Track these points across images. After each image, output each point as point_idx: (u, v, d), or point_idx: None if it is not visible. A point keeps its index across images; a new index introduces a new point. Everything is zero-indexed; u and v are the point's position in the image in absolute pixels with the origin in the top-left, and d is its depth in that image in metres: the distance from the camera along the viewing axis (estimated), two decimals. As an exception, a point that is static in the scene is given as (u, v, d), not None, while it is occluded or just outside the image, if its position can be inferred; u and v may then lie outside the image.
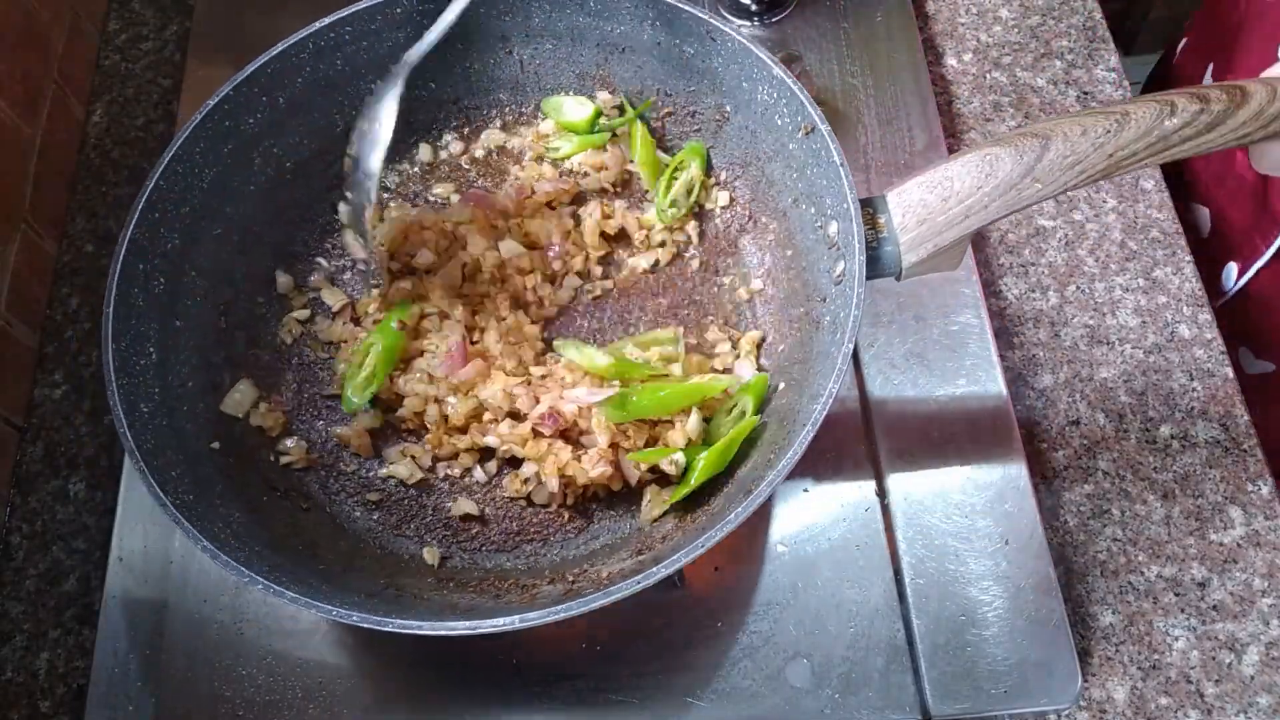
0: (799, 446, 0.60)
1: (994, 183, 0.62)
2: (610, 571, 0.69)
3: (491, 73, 0.85)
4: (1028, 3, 1.03)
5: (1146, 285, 0.88)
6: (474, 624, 0.57)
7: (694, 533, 0.66)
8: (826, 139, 0.70)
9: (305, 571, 0.66)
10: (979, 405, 0.80)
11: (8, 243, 0.86)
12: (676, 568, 0.58)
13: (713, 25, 0.75)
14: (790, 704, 0.71)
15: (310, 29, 0.76)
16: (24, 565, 0.80)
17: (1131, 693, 0.74)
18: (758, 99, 0.77)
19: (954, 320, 0.84)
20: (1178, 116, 0.58)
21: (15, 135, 0.88)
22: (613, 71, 0.84)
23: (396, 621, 0.57)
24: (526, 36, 0.83)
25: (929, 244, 0.64)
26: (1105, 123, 0.60)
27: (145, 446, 0.63)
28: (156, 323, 0.70)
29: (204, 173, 0.74)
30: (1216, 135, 0.59)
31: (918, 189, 0.64)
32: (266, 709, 0.72)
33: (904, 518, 0.77)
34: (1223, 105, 0.58)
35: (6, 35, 0.88)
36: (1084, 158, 0.60)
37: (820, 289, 0.73)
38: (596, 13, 0.80)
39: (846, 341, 0.63)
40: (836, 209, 0.69)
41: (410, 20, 0.79)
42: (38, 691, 0.76)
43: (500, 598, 0.69)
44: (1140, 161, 0.60)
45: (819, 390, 0.63)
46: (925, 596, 0.74)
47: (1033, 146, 0.61)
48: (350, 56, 0.79)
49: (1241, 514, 0.79)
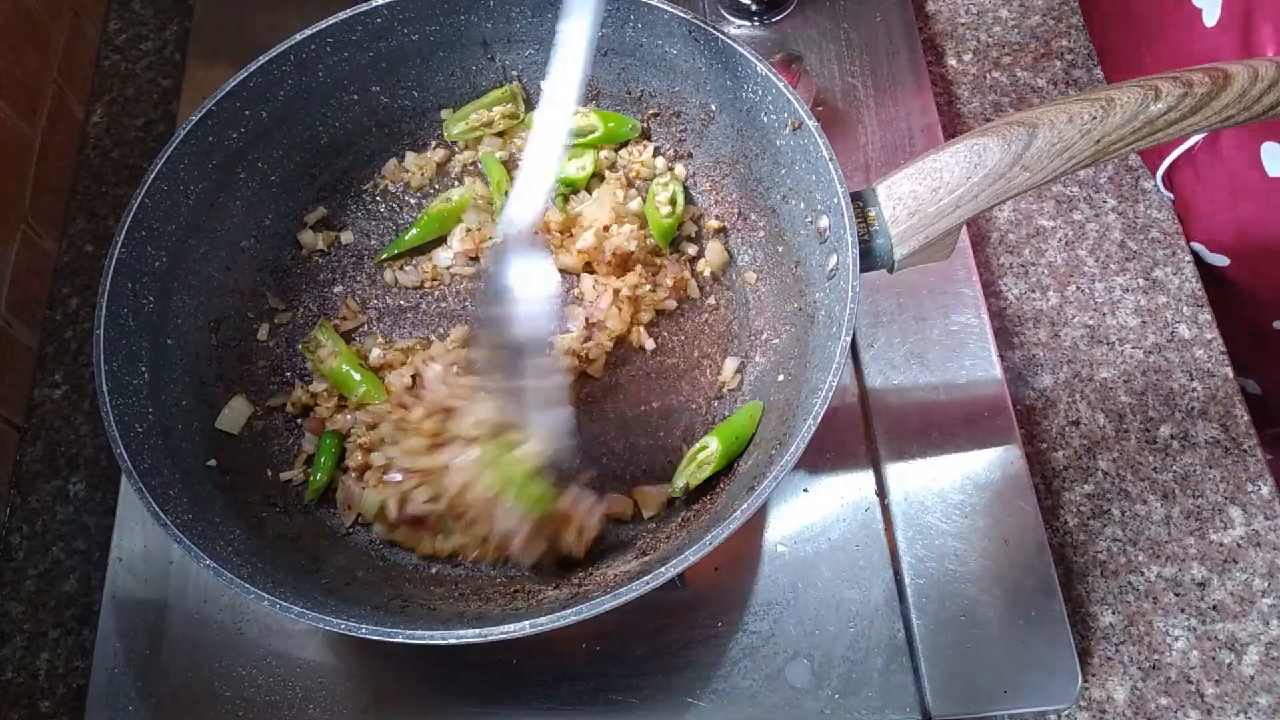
0: (801, 440, 0.60)
1: (983, 172, 0.62)
2: (616, 573, 0.69)
3: (474, 80, 0.85)
4: (1028, 3, 1.03)
5: (1146, 285, 0.88)
6: (484, 631, 0.57)
7: (698, 531, 0.66)
8: (814, 134, 0.70)
9: (309, 585, 0.66)
10: (979, 405, 0.80)
11: (8, 243, 0.86)
12: (684, 566, 0.58)
13: (695, 25, 0.75)
14: (790, 704, 0.71)
15: (291, 41, 0.75)
16: (24, 565, 0.80)
17: (1131, 693, 0.74)
18: (743, 97, 0.77)
19: (954, 320, 0.84)
20: (1162, 101, 0.59)
21: (15, 135, 0.88)
22: (596, 75, 0.84)
23: (406, 632, 0.57)
24: (508, 42, 0.83)
25: (921, 235, 0.65)
26: (1091, 109, 0.60)
27: (142, 466, 0.63)
28: (148, 342, 0.70)
29: (189, 189, 0.74)
30: (1200, 118, 0.59)
31: (907, 181, 0.64)
32: (266, 709, 0.72)
33: (904, 518, 0.77)
34: (1205, 88, 0.58)
35: (6, 35, 0.88)
36: (1071, 144, 0.61)
37: (813, 283, 0.73)
38: None
39: (843, 335, 0.63)
40: (826, 203, 0.69)
41: (391, 29, 0.78)
42: (38, 691, 0.76)
43: (507, 604, 0.69)
44: (1128, 145, 0.61)
45: (818, 384, 0.63)
46: (925, 596, 0.74)
47: (1020, 135, 0.61)
48: (332, 68, 0.79)
49: (1241, 514, 0.79)
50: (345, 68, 0.79)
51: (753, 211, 0.82)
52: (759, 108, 0.75)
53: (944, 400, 0.81)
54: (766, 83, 0.73)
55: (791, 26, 0.98)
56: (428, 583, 0.72)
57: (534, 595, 0.70)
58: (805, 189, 0.73)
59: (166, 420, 0.69)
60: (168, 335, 0.72)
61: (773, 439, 0.69)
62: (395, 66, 0.81)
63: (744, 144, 0.80)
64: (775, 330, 0.78)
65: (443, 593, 0.71)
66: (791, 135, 0.73)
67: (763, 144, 0.77)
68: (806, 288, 0.74)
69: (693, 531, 0.69)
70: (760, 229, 0.81)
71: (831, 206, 0.68)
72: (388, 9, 0.77)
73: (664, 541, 0.71)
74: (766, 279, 0.81)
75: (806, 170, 0.72)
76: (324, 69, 0.78)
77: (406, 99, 0.84)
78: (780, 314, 0.78)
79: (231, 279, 0.79)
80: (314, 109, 0.80)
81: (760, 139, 0.77)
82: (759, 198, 0.80)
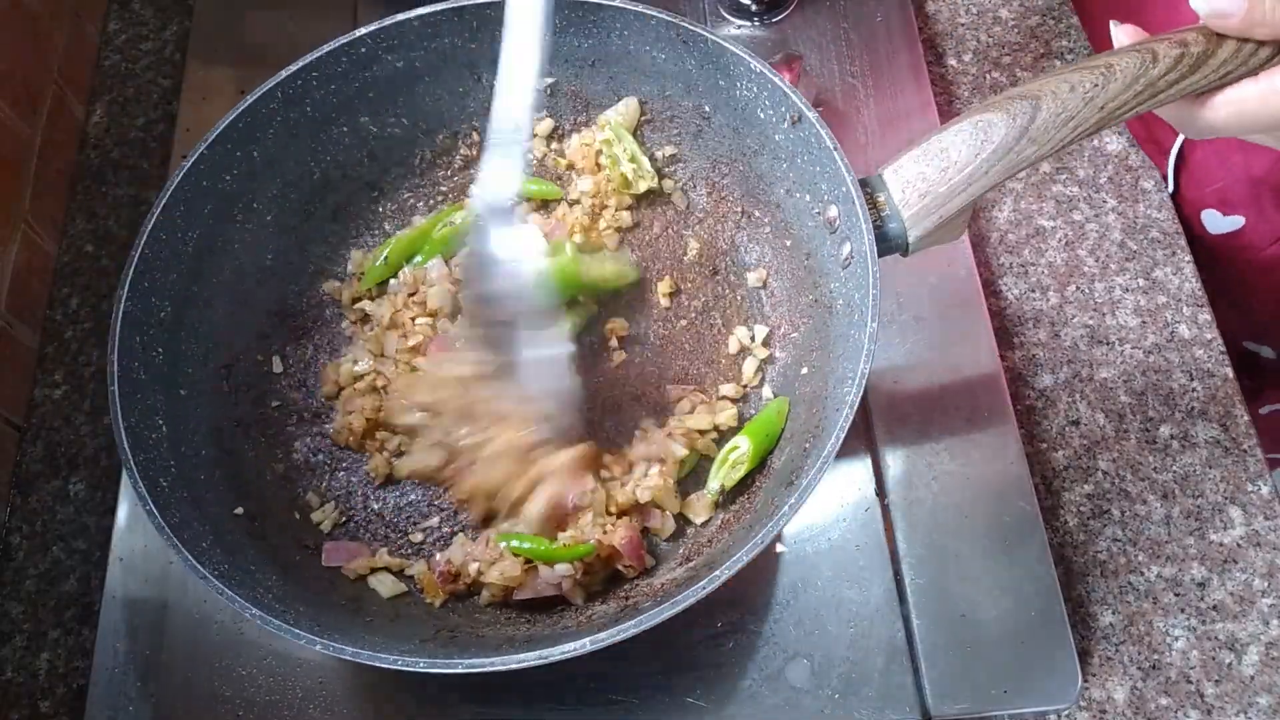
0: (840, 429, 0.60)
1: (990, 148, 0.62)
2: (663, 581, 0.69)
3: (462, 102, 0.84)
4: (1028, 3, 1.03)
5: (1146, 285, 0.88)
6: (544, 653, 0.56)
7: (742, 532, 0.66)
8: (816, 125, 0.69)
9: (354, 626, 0.65)
10: (979, 405, 0.80)
11: (8, 243, 0.86)
12: (739, 567, 0.57)
13: (683, 28, 0.75)
14: (790, 704, 0.71)
15: (277, 78, 0.75)
16: (24, 565, 0.80)
17: (1131, 693, 0.74)
18: (737, 95, 0.76)
19: (954, 320, 0.84)
20: (1161, 63, 0.59)
21: (15, 135, 0.88)
22: (584, 86, 0.83)
23: (466, 662, 0.56)
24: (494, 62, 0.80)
25: (935, 215, 0.64)
26: (1092, 77, 0.60)
27: (173, 521, 0.62)
28: (162, 395, 0.69)
29: (188, 236, 0.73)
30: (1200, 76, 0.59)
31: (913, 163, 0.64)
32: (266, 709, 0.71)
33: (904, 518, 0.77)
34: (1201, 47, 0.58)
35: (6, 35, 0.88)
36: (1076, 113, 0.61)
37: (828, 274, 0.73)
38: (563, 29, 0.79)
39: (870, 321, 0.63)
40: (834, 193, 0.69)
41: (376, 58, 0.78)
42: (38, 691, 0.76)
43: (555, 623, 0.69)
44: (1130, 110, 0.61)
45: (847, 373, 0.63)
46: (925, 596, 0.74)
47: (1024, 109, 0.61)
48: (319, 101, 0.78)
49: (1241, 514, 0.79)
50: (333, 100, 0.78)
51: (756, 209, 0.82)
52: (755, 104, 0.75)
53: (944, 400, 0.81)
54: (761, 79, 0.73)
55: (791, 26, 0.98)
56: (471, 610, 0.71)
57: (581, 611, 0.69)
58: (809, 181, 0.73)
59: (190, 471, 0.68)
60: (180, 386, 0.71)
61: (804, 433, 0.69)
62: (382, 96, 0.81)
63: (742, 142, 0.80)
64: (793, 324, 0.78)
65: (487, 619, 0.70)
66: (791, 129, 0.73)
67: (761, 140, 0.77)
68: (821, 279, 0.74)
69: (735, 532, 0.69)
70: (765, 225, 0.81)
71: (840, 195, 0.68)
72: (371, 38, 0.76)
73: (707, 546, 0.71)
74: (777, 274, 0.81)
75: (809, 162, 0.72)
76: (311, 103, 0.77)
77: (396, 127, 0.83)
78: (795, 307, 0.78)
79: (237, 323, 0.78)
80: (304, 144, 0.79)
81: (758, 135, 0.77)
82: (761, 194, 0.80)
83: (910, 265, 0.84)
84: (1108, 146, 0.94)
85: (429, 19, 0.77)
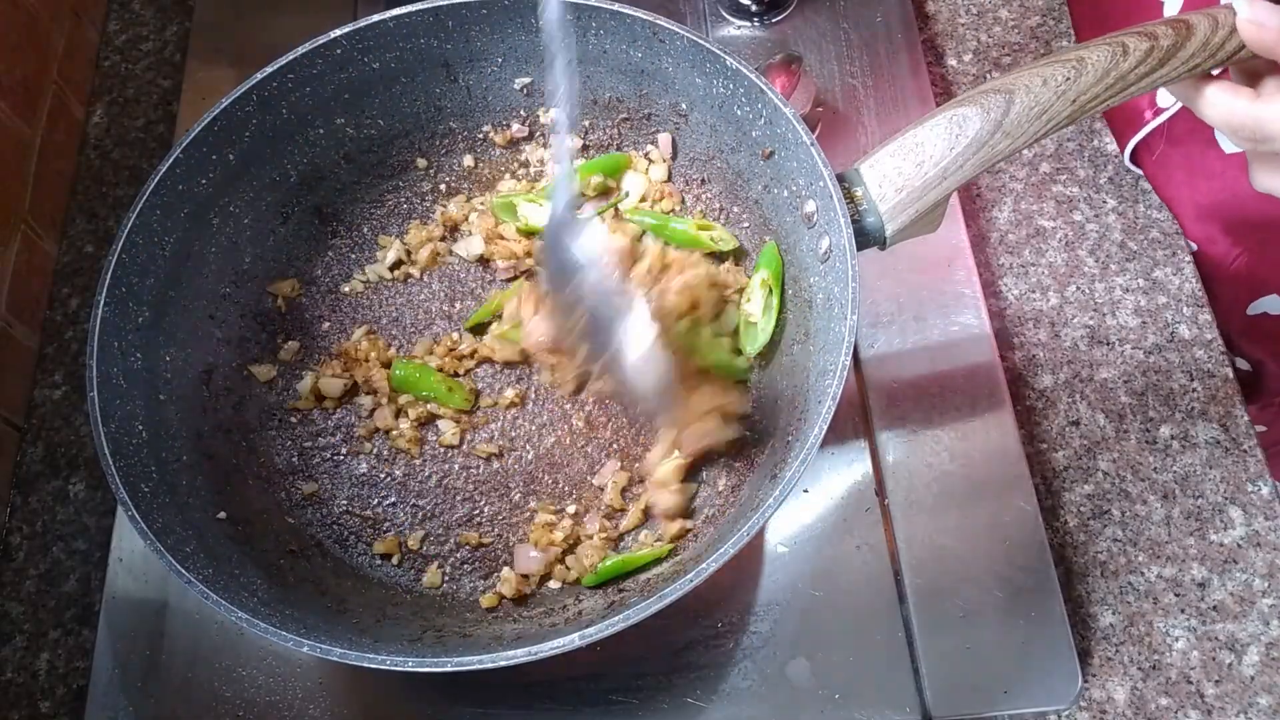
0: (823, 422, 0.60)
1: (965, 142, 0.63)
2: (649, 577, 0.69)
3: (438, 103, 0.83)
4: (1028, 3, 1.03)
5: (1146, 285, 0.88)
6: (534, 649, 0.56)
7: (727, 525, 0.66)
8: (791, 120, 0.69)
9: (341, 627, 0.65)
10: (979, 406, 0.80)
11: (8, 243, 0.86)
12: (726, 559, 0.57)
13: (659, 26, 0.74)
14: (790, 704, 0.71)
15: (252, 80, 0.74)
16: (24, 565, 0.80)
17: (1131, 693, 0.74)
18: (714, 92, 0.76)
19: (954, 320, 0.84)
20: (1131, 56, 0.60)
21: (15, 135, 0.88)
22: None
23: (456, 660, 0.56)
24: (469, 61, 0.81)
25: (911, 209, 0.65)
26: (1064, 70, 0.61)
27: (156, 527, 0.62)
28: (141, 400, 0.69)
29: (164, 241, 0.72)
30: (1169, 69, 0.60)
31: (889, 157, 0.65)
32: (266, 709, 0.72)
33: (904, 518, 0.77)
34: (1170, 40, 0.59)
35: (6, 35, 0.88)
36: (1049, 106, 0.62)
37: (807, 268, 0.73)
38: (537, 29, 0.78)
39: (849, 314, 0.63)
40: (811, 188, 0.69)
41: (351, 59, 0.77)
42: (38, 692, 0.76)
43: (544, 620, 0.69)
44: (1102, 103, 0.62)
45: (828, 366, 0.63)
46: (925, 596, 0.74)
47: (998, 102, 0.62)
48: (295, 104, 0.77)
49: (1241, 514, 0.79)
50: (309, 102, 0.78)
51: (735, 205, 0.82)
52: (732, 101, 0.75)
53: (944, 400, 0.81)
54: (737, 76, 0.73)
55: (791, 27, 0.98)
56: (460, 609, 0.71)
57: (569, 609, 0.69)
58: (787, 176, 0.73)
59: (171, 477, 0.68)
60: (159, 391, 0.71)
61: (788, 426, 0.69)
62: (358, 97, 0.80)
63: (719, 139, 0.80)
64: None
65: (474, 618, 0.70)
66: (767, 125, 0.73)
67: (739, 137, 0.77)
68: (800, 273, 0.74)
69: (720, 527, 0.69)
70: (745, 222, 0.81)
71: (818, 190, 0.68)
72: (346, 39, 0.76)
73: (692, 540, 0.71)
74: None
75: (786, 158, 0.72)
76: (287, 105, 0.77)
77: (372, 128, 0.83)
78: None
79: (216, 327, 0.77)
80: (281, 147, 0.79)
81: (735, 133, 0.77)
82: (739, 190, 0.80)
83: (910, 265, 0.85)
84: (1108, 147, 0.94)
85: (404, 19, 0.76)
